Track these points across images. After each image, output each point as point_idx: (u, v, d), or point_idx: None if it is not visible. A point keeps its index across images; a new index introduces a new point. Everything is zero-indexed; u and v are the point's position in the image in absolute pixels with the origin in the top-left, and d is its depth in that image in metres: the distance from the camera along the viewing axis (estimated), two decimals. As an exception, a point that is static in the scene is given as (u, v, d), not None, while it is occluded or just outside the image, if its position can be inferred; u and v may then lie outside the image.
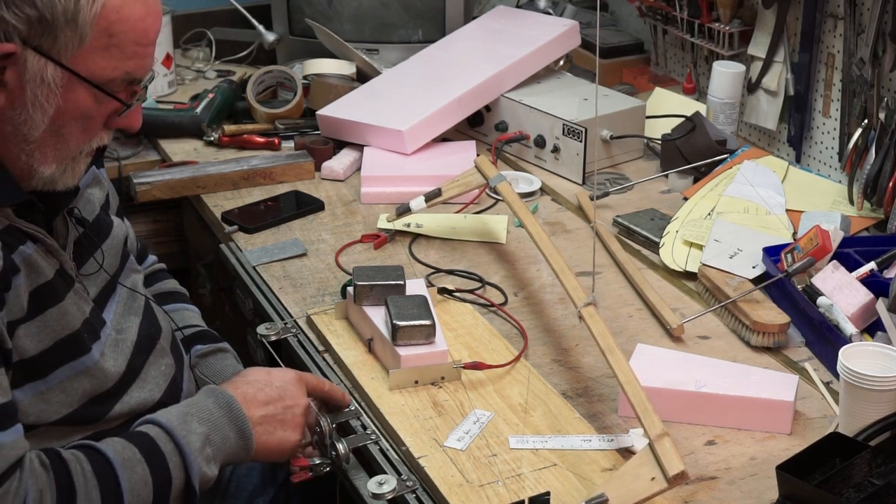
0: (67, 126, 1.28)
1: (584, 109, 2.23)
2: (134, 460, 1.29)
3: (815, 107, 2.19)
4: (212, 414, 1.37)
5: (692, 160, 2.16)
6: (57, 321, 1.31)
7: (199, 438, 1.33)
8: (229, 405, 1.38)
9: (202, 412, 1.37)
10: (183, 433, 1.33)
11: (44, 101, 1.24)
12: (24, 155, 1.28)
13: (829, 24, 2.11)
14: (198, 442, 1.33)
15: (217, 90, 2.41)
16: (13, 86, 1.23)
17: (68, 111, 1.26)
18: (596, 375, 1.59)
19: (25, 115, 1.25)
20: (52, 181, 1.31)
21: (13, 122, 1.25)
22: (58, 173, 1.30)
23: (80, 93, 1.26)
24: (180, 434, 1.33)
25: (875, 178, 1.90)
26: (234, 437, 1.37)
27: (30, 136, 1.26)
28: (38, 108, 1.25)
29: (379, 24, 2.64)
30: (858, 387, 1.36)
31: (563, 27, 2.45)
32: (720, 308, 1.72)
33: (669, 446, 1.28)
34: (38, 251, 1.30)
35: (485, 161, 1.96)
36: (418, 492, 1.36)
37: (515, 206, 1.82)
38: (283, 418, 1.41)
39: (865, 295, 1.62)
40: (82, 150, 1.32)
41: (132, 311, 1.47)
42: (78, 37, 1.23)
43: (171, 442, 1.32)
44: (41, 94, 1.24)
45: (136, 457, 1.29)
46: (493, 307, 1.75)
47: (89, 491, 1.25)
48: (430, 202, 1.93)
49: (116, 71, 1.27)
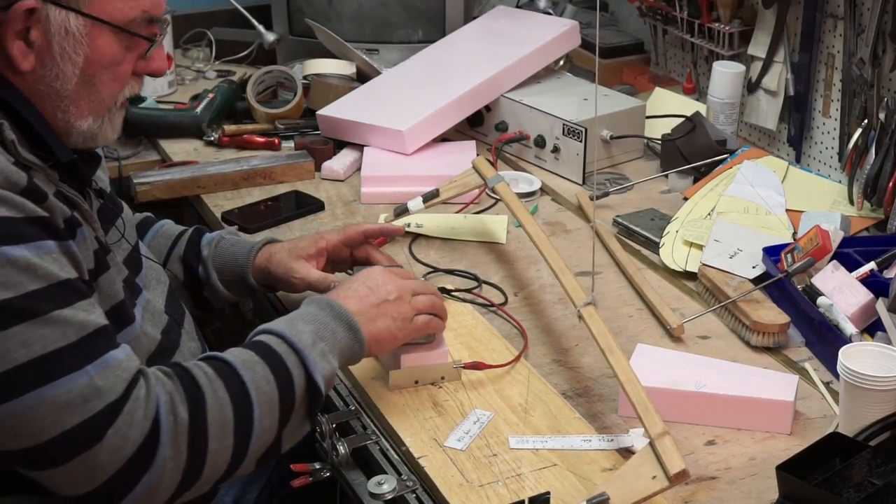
0: (98, 75, 1.32)
1: (584, 109, 2.23)
2: (252, 361, 1.31)
3: (815, 107, 2.19)
4: (315, 314, 1.40)
5: (692, 160, 2.16)
6: (109, 287, 1.34)
7: (308, 335, 1.36)
8: (329, 304, 1.42)
9: (305, 315, 1.40)
10: (292, 333, 1.36)
11: (71, 52, 1.29)
12: (60, 112, 1.32)
13: (829, 24, 2.11)
14: (308, 338, 1.36)
15: (217, 90, 2.41)
16: (40, 43, 1.28)
17: (96, 59, 1.31)
18: (596, 375, 1.59)
19: (56, 70, 1.29)
20: (92, 135, 1.35)
21: (45, 79, 1.30)
22: (95, 126, 1.35)
23: (104, 38, 1.30)
24: (290, 334, 1.36)
25: (875, 178, 1.90)
26: (342, 330, 1.40)
27: (63, 91, 1.30)
28: (66, 59, 1.29)
29: (379, 24, 2.64)
30: (858, 387, 1.36)
31: (563, 27, 2.45)
32: (720, 308, 1.72)
33: (670, 445, 1.28)
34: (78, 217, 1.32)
35: (483, 162, 1.96)
36: (418, 492, 1.36)
37: (514, 207, 1.82)
38: (383, 307, 1.45)
39: (865, 295, 1.62)
40: (116, 100, 1.36)
41: (159, 282, 1.53)
42: None
43: (283, 343, 1.35)
44: (68, 46, 1.28)
45: (253, 358, 1.32)
46: (492, 307, 1.75)
47: (216, 390, 1.27)
48: (427, 203, 1.92)
49: (134, 10, 1.32)
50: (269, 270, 1.67)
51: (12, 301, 1.16)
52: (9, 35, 1.26)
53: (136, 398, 1.20)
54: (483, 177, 1.92)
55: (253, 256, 1.68)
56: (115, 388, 1.19)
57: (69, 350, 1.18)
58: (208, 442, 1.24)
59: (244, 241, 1.73)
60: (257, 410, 1.28)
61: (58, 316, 1.18)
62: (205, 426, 1.24)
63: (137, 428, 1.19)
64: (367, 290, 1.46)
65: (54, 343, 1.17)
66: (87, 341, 1.20)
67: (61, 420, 1.16)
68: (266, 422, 1.29)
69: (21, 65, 1.27)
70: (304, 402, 1.33)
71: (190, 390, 1.25)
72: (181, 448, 1.22)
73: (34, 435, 1.17)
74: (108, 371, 1.19)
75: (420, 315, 1.49)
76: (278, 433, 1.32)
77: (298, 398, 1.32)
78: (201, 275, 1.70)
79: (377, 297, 1.45)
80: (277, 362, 1.32)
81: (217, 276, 1.69)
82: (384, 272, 1.50)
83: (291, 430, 1.34)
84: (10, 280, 1.16)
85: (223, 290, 1.70)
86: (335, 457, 1.41)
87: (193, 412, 1.24)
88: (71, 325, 1.19)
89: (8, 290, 1.16)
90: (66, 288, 1.21)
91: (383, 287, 1.47)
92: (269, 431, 1.30)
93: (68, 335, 1.18)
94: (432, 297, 1.52)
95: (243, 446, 1.28)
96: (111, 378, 1.19)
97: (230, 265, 1.69)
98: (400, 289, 1.47)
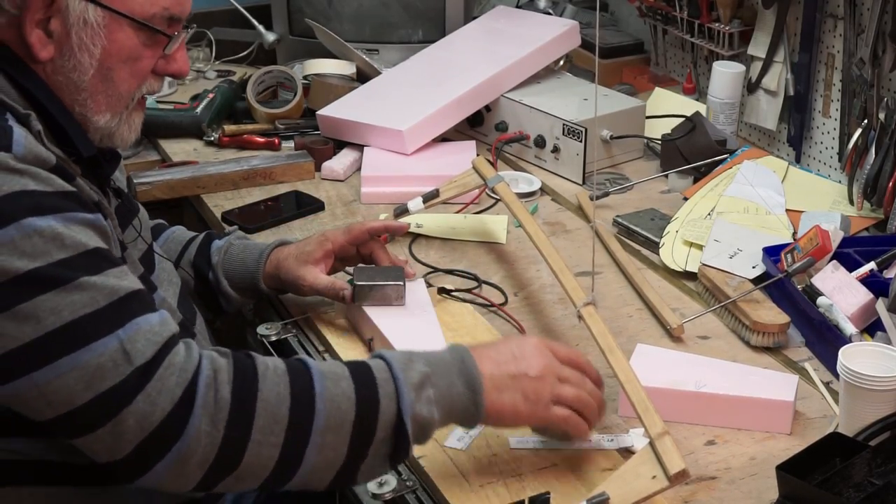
0: (115, 69, 1.32)
1: (584, 109, 2.23)
2: (341, 376, 1.25)
3: (815, 107, 2.19)
4: (441, 359, 1.30)
5: (692, 160, 2.16)
6: None
7: (418, 376, 1.27)
8: (463, 356, 1.31)
9: (431, 356, 1.31)
10: (402, 366, 1.27)
11: (89, 43, 1.29)
12: (78, 105, 1.32)
13: (829, 24, 2.11)
14: (416, 378, 1.26)
15: (217, 90, 2.41)
16: (59, 33, 1.28)
17: (114, 52, 1.31)
18: (596, 375, 1.59)
19: (74, 61, 1.30)
20: (109, 133, 1.36)
21: (64, 70, 1.30)
22: (113, 123, 1.35)
23: (123, 31, 1.31)
24: (398, 367, 1.27)
25: (875, 178, 1.90)
26: (461, 386, 1.29)
27: (80, 83, 1.31)
28: (84, 50, 1.29)
29: (379, 24, 2.64)
30: (858, 387, 1.36)
31: (562, 27, 2.45)
32: (720, 308, 1.72)
33: (670, 444, 1.28)
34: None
35: (482, 162, 1.96)
36: (418, 492, 1.36)
37: (514, 207, 1.82)
38: (519, 381, 1.32)
39: (865, 295, 1.62)
40: (134, 96, 1.36)
41: (171, 283, 1.54)
42: None
43: (387, 371, 1.26)
44: (86, 37, 1.29)
45: (343, 373, 1.26)
46: (493, 307, 1.75)
47: (277, 384, 1.22)
48: (427, 203, 1.92)
49: (155, 7, 1.32)
50: (279, 277, 1.67)
51: (39, 269, 1.16)
52: (28, 24, 1.26)
53: (168, 365, 1.18)
54: (483, 177, 1.92)
55: (263, 263, 1.68)
56: (145, 353, 1.18)
57: (98, 315, 1.18)
58: (252, 431, 1.19)
59: (253, 246, 1.72)
60: (320, 422, 1.22)
61: (86, 282, 1.18)
62: (251, 413, 1.20)
63: (168, 395, 1.17)
64: (509, 357, 1.33)
65: (83, 308, 1.17)
66: (118, 306, 1.19)
67: (93, 385, 1.16)
68: (329, 438, 1.22)
69: (40, 53, 1.28)
70: (387, 440, 1.25)
71: (243, 374, 1.21)
72: (219, 426, 1.18)
73: (68, 401, 1.16)
74: (139, 335, 1.19)
75: (559, 407, 1.34)
76: (349, 459, 1.24)
77: (380, 431, 1.24)
78: (212, 280, 1.70)
79: (517, 368, 1.32)
80: (368, 384, 1.25)
81: (227, 282, 1.69)
82: (542, 345, 1.36)
83: (370, 466, 1.26)
84: (36, 249, 1.16)
85: (235, 295, 1.69)
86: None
87: (239, 395, 1.20)
88: (100, 291, 1.19)
89: (35, 259, 1.16)
90: (95, 256, 1.21)
91: (530, 360, 1.34)
92: (333, 451, 1.23)
93: (97, 300, 1.18)
94: (579, 392, 1.36)
95: (295, 453, 1.21)
96: (141, 342, 1.18)
97: (240, 272, 1.69)
98: (546, 368, 1.34)
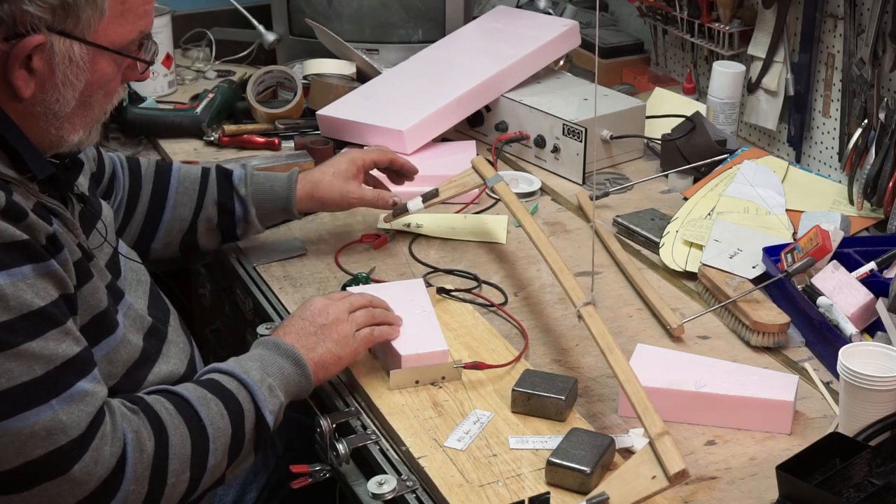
0: (94, 95, 1.33)
1: (584, 109, 2.23)
2: (207, 398, 1.35)
3: (815, 107, 2.19)
4: (262, 354, 1.45)
5: (692, 160, 2.16)
6: (92, 296, 1.34)
7: (257, 372, 1.41)
8: (275, 343, 1.46)
9: (253, 355, 1.45)
10: (241, 370, 1.40)
11: (73, 79, 1.29)
12: (54, 129, 1.32)
13: (829, 24, 2.11)
14: (257, 374, 1.40)
15: (217, 90, 2.41)
16: (42, 71, 1.27)
17: (95, 82, 1.32)
18: (596, 375, 1.59)
19: (57, 95, 1.29)
20: (80, 144, 1.37)
21: (45, 103, 1.29)
22: (84, 136, 1.36)
23: (104, 62, 1.32)
24: (239, 371, 1.40)
25: (875, 178, 1.90)
26: (288, 365, 1.44)
27: (61, 112, 1.31)
28: (69, 86, 1.29)
29: (379, 24, 2.64)
30: (858, 387, 1.36)
31: (563, 27, 2.45)
32: (720, 308, 1.72)
33: (670, 445, 1.28)
34: (60, 227, 1.32)
35: (482, 161, 1.96)
36: (418, 492, 1.36)
37: (513, 207, 1.82)
38: (322, 334, 1.49)
39: (865, 295, 1.62)
40: (106, 112, 1.38)
41: (139, 283, 1.54)
42: (99, 12, 1.27)
43: (234, 379, 1.39)
44: (71, 74, 1.29)
45: (207, 395, 1.35)
46: (492, 307, 1.75)
47: (178, 426, 1.30)
48: (427, 202, 1.92)
49: (132, 33, 1.33)
50: (317, 196, 1.82)
51: None
52: (13, 66, 1.25)
53: (102, 435, 1.22)
54: (482, 176, 1.92)
55: (294, 189, 1.81)
56: (79, 424, 1.20)
57: (34, 384, 1.19)
58: (168, 476, 1.28)
59: (274, 176, 1.84)
60: (213, 445, 1.33)
61: (26, 349, 1.19)
62: (166, 461, 1.28)
63: (104, 464, 1.22)
64: (303, 322, 1.50)
65: (20, 377, 1.18)
66: (54, 375, 1.21)
67: (24, 451, 1.18)
68: (220, 456, 1.34)
69: (23, 93, 1.26)
70: (253, 437, 1.38)
71: (155, 426, 1.29)
72: (143, 482, 1.26)
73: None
74: (73, 405, 1.21)
75: (361, 330, 1.53)
76: (228, 464, 1.36)
77: (248, 433, 1.37)
78: (237, 213, 1.80)
79: (313, 325, 1.50)
80: (230, 398, 1.36)
81: (256, 211, 1.80)
82: (318, 300, 1.54)
83: (238, 463, 1.38)
84: None
85: (258, 223, 1.82)
86: (335, 457, 1.41)
87: (158, 447, 1.27)
88: (38, 359, 1.20)
89: None
90: (37, 318, 1.21)
91: (319, 314, 1.51)
92: (220, 465, 1.35)
93: (34, 369, 1.19)
94: (369, 310, 1.55)
95: (197, 479, 1.32)
96: (75, 413, 1.21)
97: (272, 199, 1.81)
98: (335, 311, 1.52)
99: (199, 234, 1.80)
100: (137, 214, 1.75)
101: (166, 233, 1.78)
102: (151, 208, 1.76)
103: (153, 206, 1.76)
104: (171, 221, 1.77)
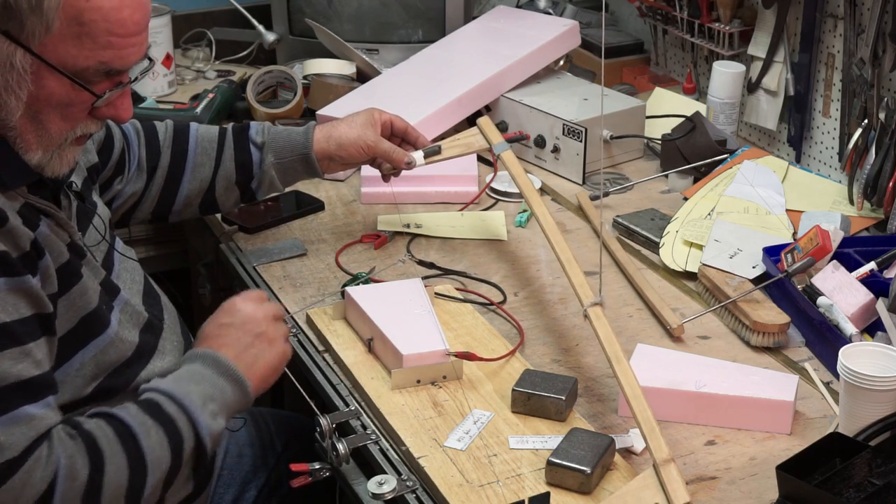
0: (44, 112, 1.27)
1: (584, 109, 2.23)
2: (148, 424, 1.30)
3: (815, 107, 2.19)
4: (203, 373, 1.39)
5: (692, 160, 2.16)
6: (80, 297, 1.33)
7: (198, 396, 1.36)
8: (214, 359, 1.40)
9: (193, 375, 1.39)
10: (184, 394, 1.35)
11: (15, 87, 1.24)
12: (10, 140, 1.28)
13: (829, 24, 2.11)
14: (199, 399, 1.35)
15: (217, 90, 2.41)
16: None
17: (42, 97, 1.26)
18: (596, 375, 1.59)
19: (0, 100, 1.25)
20: (40, 168, 1.31)
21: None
22: (44, 160, 1.30)
23: (51, 80, 1.25)
24: (180, 395, 1.34)
25: (875, 178, 1.90)
26: (229, 387, 1.39)
27: (9, 122, 1.26)
28: (10, 92, 1.24)
29: (379, 24, 2.64)
30: (858, 387, 1.36)
31: (563, 27, 2.44)
32: (720, 308, 1.72)
33: (676, 474, 1.28)
34: (50, 227, 1.31)
35: (488, 123, 1.93)
36: (418, 492, 1.36)
37: (520, 181, 1.79)
38: (256, 345, 1.44)
39: (865, 295, 1.62)
40: (66, 138, 1.31)
41: (134, 280, 1.52)
42: (44, 24, 1.21)
43: (174, 404, 1.33)
44: (12, 80, 1.23)
45: (148, 422, 1.31)
46: (491, 305, 1.75)
47: (115, 454, 1.26)
48: (428, 158, 1.89)
49: (89, 60, 1.25)
50: (335, 137, 1.80)
51: None
52: None
53: (36, 458, 1.19)
54: (488, 140, 1.90)
55: (312, 134, 1.80)
56: (16, 446, 1.18)
57: None
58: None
59: (291, 128, 1.83)
60: (150, 477, 1.29)
61: None
62: (100, 490, 1.24)
63: (32, 489, 1.19)
64: (237, 333, 1.44)
65: None
66: (2, 394, 1.19)
67: None
68: (156, 485, 1.30)
69: None
70: (189, 463, 1.34)
71: (91, 454, 1.25)
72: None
73: None
74: (14, 427, 1.19)
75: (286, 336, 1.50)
76: (162, 494, 1.32)
77: (185, 460, 1.33)
78: (255, 162, 1.79)
79: (248, 334, 1.44)
80: (169, 424, 1.32)
81: (274, 159, 1.79)
82: (242, 304, 1.47)
83: (174, 492, 1.35)
84: None
85: (277, 180, 1.80)
86: (335, 457, 1.41)
87: (92, 476, 1.23)
88: None
89: None
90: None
91: (250, 322, 1.45)
92: (155, 494, 1.31)
93: None
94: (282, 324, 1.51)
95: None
96: (15, 435, 1.18)
97: (289, 147, 1.79)
98: (263, 317, 1.46)
99: (218, 192, 1.79)
100: (157, 178, 1.74)
101: (187, 195, 1.77)
102: (171, 171, 1.75)
103: (173, 169, 1.75)
104: (191, 182, 1.77)
